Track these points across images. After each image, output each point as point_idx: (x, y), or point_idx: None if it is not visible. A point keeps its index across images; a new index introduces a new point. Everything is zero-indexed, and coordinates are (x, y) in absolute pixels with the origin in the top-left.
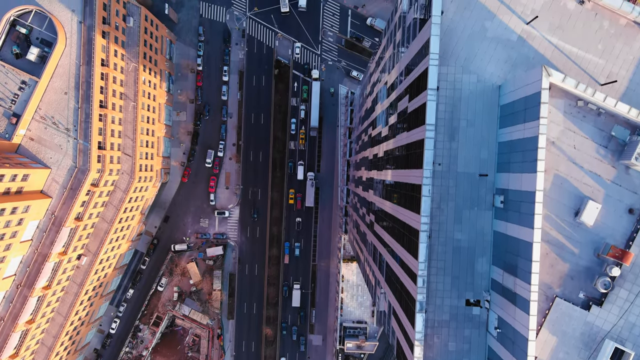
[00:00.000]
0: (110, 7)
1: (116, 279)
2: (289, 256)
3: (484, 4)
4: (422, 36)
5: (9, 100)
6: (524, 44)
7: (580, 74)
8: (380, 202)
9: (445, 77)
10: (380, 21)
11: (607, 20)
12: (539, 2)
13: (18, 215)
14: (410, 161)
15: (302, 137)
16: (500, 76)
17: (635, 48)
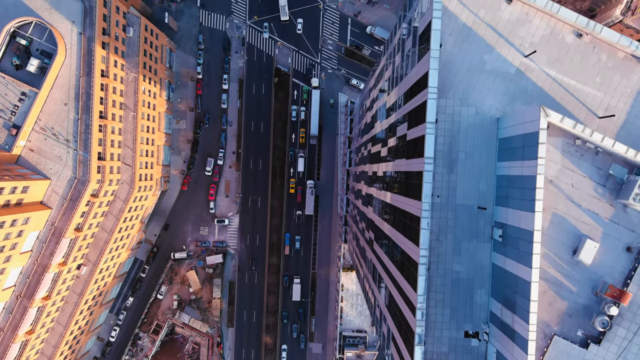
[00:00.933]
0: (110, 18)
1: (116, 287)
2: (289, 247)
3: (483, 37)
4: (421, 67)
5: (9, 111)
6: (523, 76)
7: (579, 107)
8: (379, 221)
9: (444, 110)
10: (380, 29)
11: (605, 53)
12: (537, 35)
13: (18, 227)
14: (409, 190)
15: (302, 136)
16: (499, 108)
17: (633, 81)
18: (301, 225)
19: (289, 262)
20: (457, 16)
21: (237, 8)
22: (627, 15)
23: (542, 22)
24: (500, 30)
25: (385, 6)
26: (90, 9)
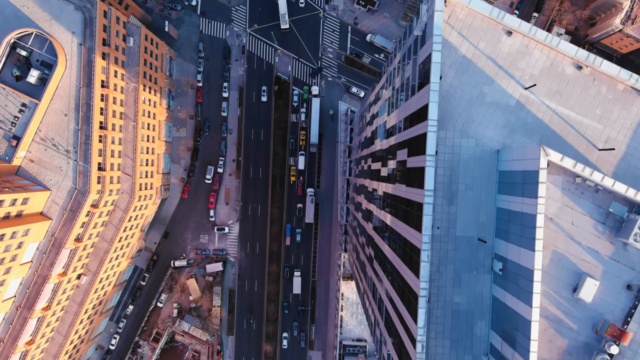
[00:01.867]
0: (110, 28)
1: (116, 295)
2: (290, 237)
3: (483, 69)
4: (421, 98)
5: (9, 122)
6: (523, 108)
7: (579, 139)
8: (379, 241)
9: (443, 142)
10: (380, 38)
11: (605, 85)
12: (537, 67)
13: (18, 239)
14: (409, 217)
15: (302, 138)
16: (499, 140)
17: (633, 113)
18: (301, 220)
19: (289, 252)
20: (457, 48)
21: (237, 16)
22: (627, 24)
23: (542, 55)
24: (501, 63)
25: (385, 14)
26: (90, 20)
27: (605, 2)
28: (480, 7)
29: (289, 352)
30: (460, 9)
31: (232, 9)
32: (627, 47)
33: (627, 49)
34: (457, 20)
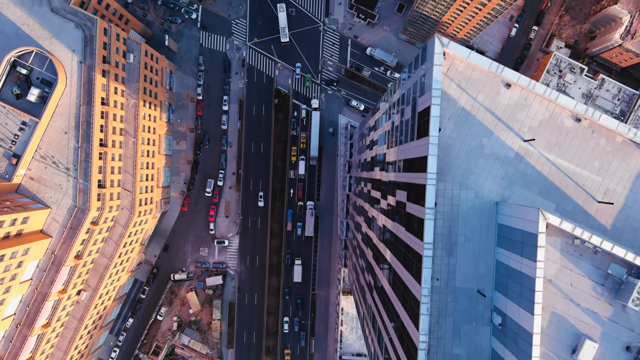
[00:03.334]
0: (110, 46)
1: (116, 309)
2: (291, 223)
3: (482, 121)
4: (420, 148)
5: (9, 140)
6: (522, 160)
7: (578, 190)
8: (379, 273)
9: (443, 193)
10: (380, 51)
11: (603, 137)
12: (536, 119)
13: (18, 259)
14: (408, 262)
15: (302, 141)
16: (498, 192)
17: (631, 165)
18: (302, 215)
19: (290, 240)
20: (456, 100)
21: (237, 29)
22: (626, 39)
23: (541, 107)
24: (499, 115)
25: (385, 27)
26: (90, 37)
27: (604, 17)
28: (479, 61)
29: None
30: (459, 61)
31: (232, 22)
32: (626, 61)
33: (627, 63)
34: (456, 73)
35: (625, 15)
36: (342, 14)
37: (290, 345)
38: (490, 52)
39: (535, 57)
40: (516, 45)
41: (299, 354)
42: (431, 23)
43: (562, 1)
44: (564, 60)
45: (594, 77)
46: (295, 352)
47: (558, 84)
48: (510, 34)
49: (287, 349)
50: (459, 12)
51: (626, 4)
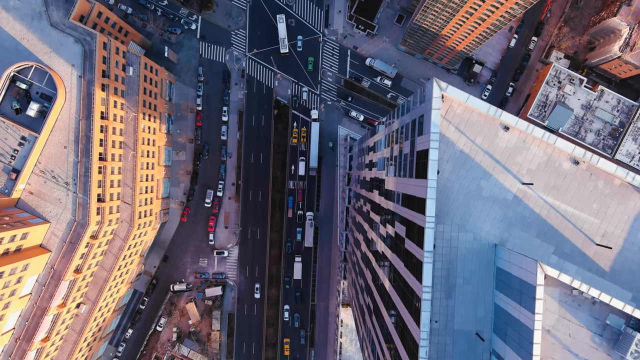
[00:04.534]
0: (109, 59)
1: (115, 320)
2: (292, 210)
3: (480, 163)
4: (418, 188)
5: (8, 155)
6: (520, 203)
7: (576, 233)
8: (378, 300)
9: (441, 235)
10: (380, 62)
11: (602, 180)
12: (534, 162)
13: (17, 275)
14: (406, 299)
15: (303, 135)
16: (497, 235)
17: (629, 208)
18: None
19: (291, 224)
20: (454, 143)
21: (236, 40)
22: (625, 51)
23: (539, 150)
24: (498, 157)
25: (385, 38)
26: (90, 52)
27: (603, 28)
28: (477, 105)
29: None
30: (457, 104)
31: (231, 33)
32: (625, 72)
33: (626, 74)
34: (454, 116)
35: (625, 27)
36: (342, 24)
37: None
38: (490, 62)
39: (535, 68)
40: (515, 56)
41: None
42: (431, 35)
43: (561, 13)
44: (563, 71)
45: (593, 88)
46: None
47: (557, 95)
48: (509, 45)
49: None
50: (459, 25)
51: (625, 17)
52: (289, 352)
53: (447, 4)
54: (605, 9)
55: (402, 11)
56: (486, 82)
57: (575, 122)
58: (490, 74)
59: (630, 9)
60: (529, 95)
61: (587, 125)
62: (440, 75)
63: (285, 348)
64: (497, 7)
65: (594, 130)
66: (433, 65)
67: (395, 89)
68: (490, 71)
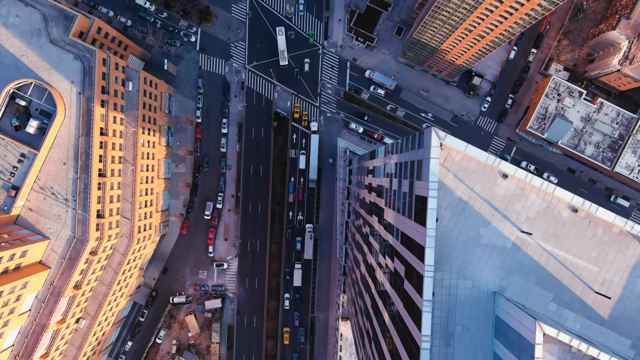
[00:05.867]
0: (109, 75)
1: (115, 332)
2: (293, 195)
3: (479, 211)
4: (417, 234)
5: (8, 172)
6: (519, 250)
7: (575, 281)
8: (378, 333)
9: (440, 283)
10: (379, 74)
11: (600, 228)
12: (533, 209)
13: (16, 293)
14: (405, 345)
15: (304, 118)
16: (496, 282)
17: (628, 256)
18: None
19: (294, 205)
20: (453, 191)
21: (236, 52)
22: (624, 65)
23: (537, 198)
24: (496, 205)
25: (384, 51)
26: (89, 68)
27: (603, 41)
28: (475, 154)
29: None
30: (456, 152)
31: (231, 45)
32: (625, 85)
33: (626, 87)
34: (453, 163)
35: (624, 40)
36: (341, 36)
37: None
38: (489, 75)
39: (534, 80)
40: (515, 68)
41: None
42: (430, 49)
43: (561, 25)
44: (562, 84)
45: (592, 100)
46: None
47: (557, 107)
48: (509, 57)
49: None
50: (458, 41)
51: (624, 30)
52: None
53: (447, 20)
54: (605, 22)
55: (401, 23)
56: (486, 94)
57: (574, 135)
58: (490, 86)
59: (630, 22)
60: (529, 107)
61: (586, 137)
62: (439, 87)
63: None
64: (497, 25)
65: (594, 143)
66: (433, 77)
67: (395, 101)
68: (489, 83)
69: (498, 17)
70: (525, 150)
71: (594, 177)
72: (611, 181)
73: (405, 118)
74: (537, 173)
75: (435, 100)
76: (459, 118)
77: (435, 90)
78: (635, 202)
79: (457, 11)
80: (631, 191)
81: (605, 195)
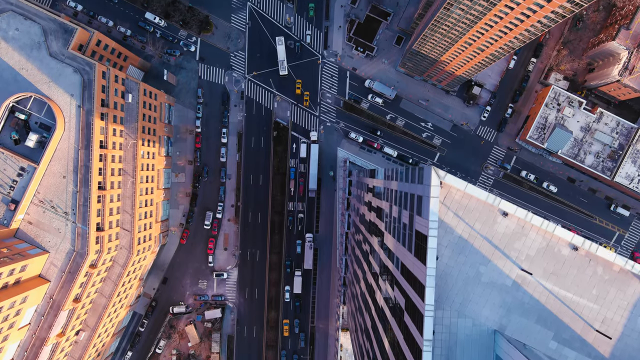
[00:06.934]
0: (108, 88)
1: (114, 342)
2: (294, 181)
3: (479, 249)
4: (417, 270)
5: (7, 186)
6: (519, 289)
7: (575, 319)
8: (377, 354)
9: (440, 321)
10: (379, 84)
11: (600, 266)
12: (533, 248)
13: (16, 308)
14: None
15: (305, 98)
16: (496, 320)
17: (628, 294)
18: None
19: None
20: (453, 229)
21: (236, 62)
22: (624, 75)
23: (538, 236)
24: (497, 243)
25: (384, 60)
26: (89, 82)
27: (602, 51)
28: (476, 193)
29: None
30: (455, 190)
31: (231, 55)
32: (624, 95)
33: (625, 97)
34: (452, 202)
35: (623, 51)
36: (341, 46)
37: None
38: (489, 84)
39: (534, 89)
40: (514, 77)
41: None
42: (430, 61)
43: (560, 34)
44: (562, 93)
45: (592, 110)
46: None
47: (557, 117)
48: (508, 66)
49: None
50: (458, 53)
51: (624, 40)
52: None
53: (446, 34)
54: (604, 32)
55: (401, 33)
56: (485, 103)
57: (574, 144)
58: (490, 96)
59: (629, 32)
60: (528, 117)
61: (586, 147)
62: (439, 96)
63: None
64: (497, 39)
65: (593, 153)
66: (432, 86)
67: (394, 111)
68: (489, 92)
69: (498, 32)
70: (525, 159)
71: (594, 186)
72: (611, 190)
73: (405, 127)
74: (537, 182)
75: (435, 110)
76: (458, 127)
77: (435, 99)
78: (636, 211)
79: (457, 25)
80: (631, 200)
81: (605, 205)
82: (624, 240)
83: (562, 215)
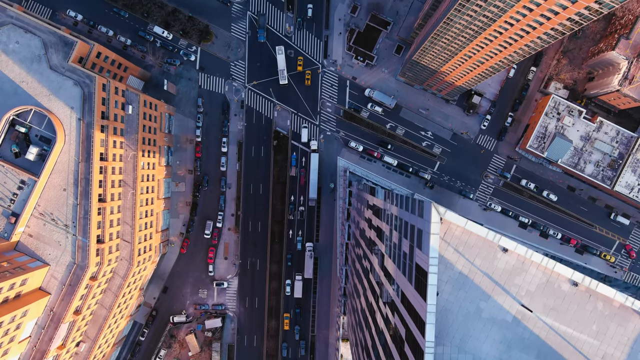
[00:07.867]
0: (109, 100)
1: (115, 352)
2: (295, 168)
3: (479, 284)
4: (417, 303)
5: (8, 199)
6: (519, 324)
7: (575, 355)
8: None
9: (441, 357)
10: (379, 93)
11: (601, 302)
12: (533, 283)
13: (16, 322)
14: None
15: (307, 76)
16: (496, 356)
17: (629, 329)
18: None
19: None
20: (453, 264)
21: (236, 71)
22: (624, 85)
23: (538, 271)
24: (497, 279)
25: (384, 69)
26: (89, 94)
27: (602, 61)
28: (476, 229)
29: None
30: (455, 226)
31: (231, 64)
32: (624, 104)
33: (625, 106)
34: (453, 237)
35: (623, 61)
36: (341, 55)
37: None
38: (489, 93)
39: (534, 98)
40: (514, 86)
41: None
42: (430, 71)
43: (560, 43)
44: (562, 102)
45: (592, 119)
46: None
47: (556, 126)
48: (508, 75)
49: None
50: (458, 65)
51: (624, 50)
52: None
53: (446, 47)
54: (604, 41)
55: (401, 42)
56: (485, 112)
57: (574, 154)
58: (490, 104)
59: (629, 42)
60: (528, 126)
61: (586, 156)
62: (439, 105)
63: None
64: (497, 53)
65: (593, 162)
66: (432, 95)
67: (394, 120)
68: (489, 102)
69: (497, 46)
70: (525, 168)
71: (594, 195)
72: (611, 199)
73: (405, 136)
74: (537, 191)
75: (435, 119)
76: (458, 136)
77: (435, 108)
78: (636, 220)
79: (457, 39)
80: (631, 209)
81: (605, 213)
82: (623, 250)
83: (562, 224)
